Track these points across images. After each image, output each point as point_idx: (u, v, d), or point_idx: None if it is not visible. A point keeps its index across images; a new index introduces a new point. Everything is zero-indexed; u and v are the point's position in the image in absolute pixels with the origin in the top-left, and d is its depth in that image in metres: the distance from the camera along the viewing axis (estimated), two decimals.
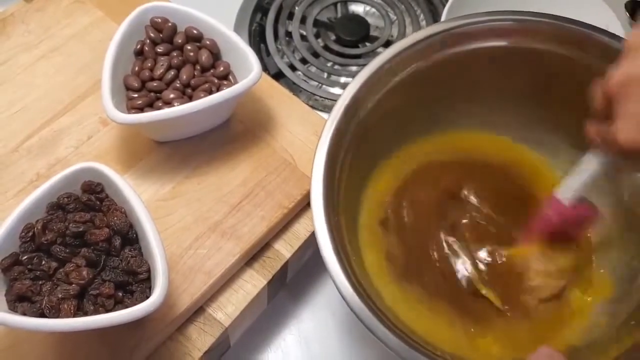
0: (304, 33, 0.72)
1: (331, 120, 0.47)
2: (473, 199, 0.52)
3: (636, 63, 0.38)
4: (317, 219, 0.43)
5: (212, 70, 0.52)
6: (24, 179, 0.50)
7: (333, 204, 0.45)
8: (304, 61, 0.70)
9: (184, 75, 0.51)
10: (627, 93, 0.38)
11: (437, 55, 0.50)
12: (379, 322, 0.39)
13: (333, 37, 0.72)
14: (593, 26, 0.49)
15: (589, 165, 0.45)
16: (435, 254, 0.50)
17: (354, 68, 0.70)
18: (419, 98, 0.52)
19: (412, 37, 0.50)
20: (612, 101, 0.39)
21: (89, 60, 0.57)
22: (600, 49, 0.48)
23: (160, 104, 0.50)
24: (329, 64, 0.70)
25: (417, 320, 0.46)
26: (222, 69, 0.51)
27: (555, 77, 0.51)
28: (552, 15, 0.50)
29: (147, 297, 0.39)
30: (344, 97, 0.47)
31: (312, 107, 0.65)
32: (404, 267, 0.49)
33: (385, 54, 0.49)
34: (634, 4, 0.72)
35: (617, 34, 0.62)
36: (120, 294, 0.41)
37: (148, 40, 0.52)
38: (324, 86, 0.68)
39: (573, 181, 0.46)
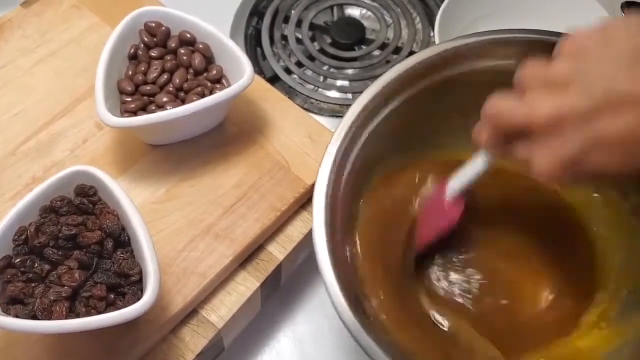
0: (300, 36, 0.72)
1: (341, 129, 0.46)
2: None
3: (575, 98, 0.34)
4: (317, 226, 0.43)
5: (205, 74, 0.52)
6: (20, 182, 0.51)
7: (333, 215, 0.44)
8: (299, 64, 0.70)
9: (177, 79, 0.51)
10: (555, 130, 0.35)
11: (446, 72, 0.50)
12: (367, 335, 0.39)
13: (329, 40, 0.72)
14: None
15: (477, 164, 0.44)
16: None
17: (349, 71, 0.70)
18: (429, 113, 0.51)
19: (429, 50, 0.49)
20: (532, 130, 0.36)
21: (86, 64, 0.57)
22: None
23: (153, 108, 0.50)
24: (325, 67, 0.70)
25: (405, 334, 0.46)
26: (215, 72, 0.52)
27: None
28: (555, 32, 0.48)
29: (139, 299, 0.39)
30: (358, 103, 0.47)
31: (308, 110, 0.65)
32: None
33: (403, 64, 0.48)
34: (629, 4, 0.72)
35: None
36: (112, 296, 0.41)
37: (142, 45, 0.52)
38: (319, 89, 0.68)
39: (462, 177, 0.45)
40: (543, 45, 0.48)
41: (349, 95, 0.68)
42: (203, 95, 0.50)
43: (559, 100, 0.35)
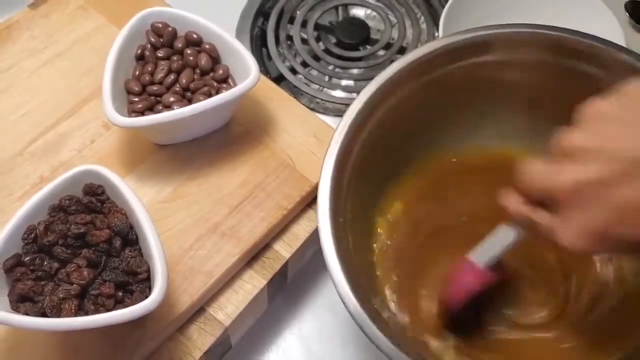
0: (305, 37, 0.72)
1: (341, 127, 0.46)
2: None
3: (591, 168, 0.34)
4: (322, 220, 0.43)
5: (211, 74, 0.52)
6: (28, 181, 0.51)
7: (339, 209, 0.45)
8: (305, 64, 0.70)
9: (183, 79, 0.51)
10: (578, 200, 0.35)
11: (445, 67, 0.50)
12: (372, 323, 0.40)
13: (334, 41, 0.72)
14: (594, 36, 0.48)
15: (505, 237, 0.42)
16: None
17: (354, 71, 0.70)
18: (431, 110, 0.52)
19: (429, 45, 0.49)
20: (556, 199, 0.36)
21: (93, 64, 0.58)
22: (608, 60, 0.47)
23: (160, 108, 0.50)
24: (330, 67, 0.70)
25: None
26: (221, 72, 0.52)
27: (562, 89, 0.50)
28: (558, 27, 0.49)
29: (147, 297, 0.40)
30: (358, 101, 0.47)
31: (313, 109, 0.65)
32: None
33: (402, 61, 0.49)
34: (634, 4, 0.72)
35: (616, 36, 0.62)
36: (121, 293, 0.41)
37: (149, 45, 0.53)
38: (325, 89, 0.69)
39: (488, 248, 0.44)
40: (545, 40, 0.49)
41: (354, 95, 0.68)
42: (210, 95, 0.51)
43: (578, 170, 0.34)
